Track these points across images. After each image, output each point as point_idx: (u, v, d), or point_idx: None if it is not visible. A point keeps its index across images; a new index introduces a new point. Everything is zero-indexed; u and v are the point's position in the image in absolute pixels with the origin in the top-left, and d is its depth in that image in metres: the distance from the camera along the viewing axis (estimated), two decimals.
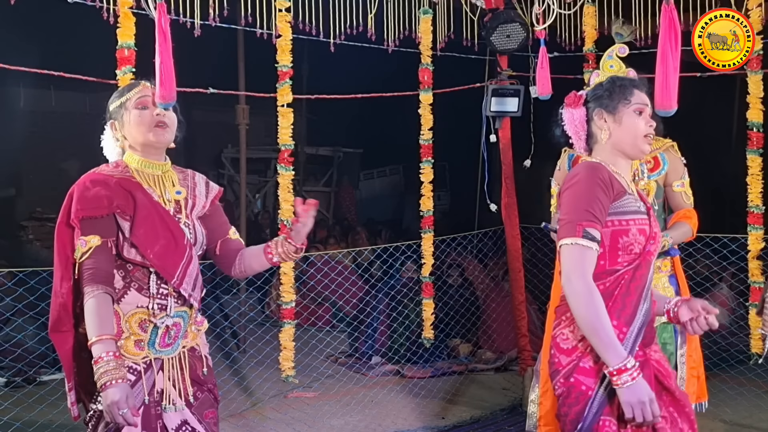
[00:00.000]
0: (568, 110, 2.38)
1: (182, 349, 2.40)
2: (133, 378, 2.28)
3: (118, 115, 2.43)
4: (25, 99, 11.67)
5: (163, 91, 2.45)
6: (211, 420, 2.42)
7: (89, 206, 2.26)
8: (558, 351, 2.22)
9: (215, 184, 2.61)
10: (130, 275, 2.31)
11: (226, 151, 12.71)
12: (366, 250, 7.55)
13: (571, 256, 2.14)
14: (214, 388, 2.48)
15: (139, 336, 2.30)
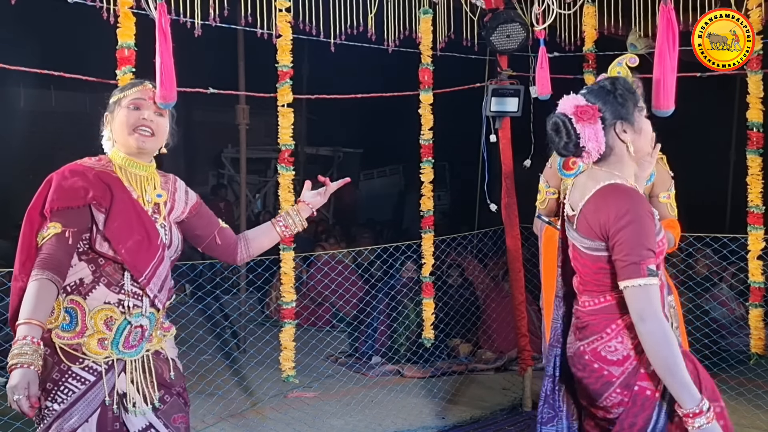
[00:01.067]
0: (587, 125, 2.23)
1: (146, 352, 2.36)
2: (93, 378, 2.25)
3: (111, 109, 2.44)
4: (25, 99, 11.69)
5: (164, 91, 2.45)
6: (181, 425, 2.38)
7: (65, 197, 2.25)
8: (605, 363, 2.19)
9: (194, 193, 2.61)
10: (100, 269, 2.28)
11: (226, 151, 12.72)
12: (366, 250, 7.55)
13: (640, 297, 2.11)
14: (184, 392, 2.45)
15: (103, 334, 2.26)
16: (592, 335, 2.23)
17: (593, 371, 2.22)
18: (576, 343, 2.30)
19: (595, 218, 2.19)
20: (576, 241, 2.27)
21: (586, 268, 2.26)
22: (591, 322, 2.25)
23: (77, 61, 4.44)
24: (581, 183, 2.34)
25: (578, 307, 2.32)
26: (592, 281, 2.25)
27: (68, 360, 2.24)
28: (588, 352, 2.24)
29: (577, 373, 2.28)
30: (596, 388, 2.22)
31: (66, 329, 2.26)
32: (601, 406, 2.22)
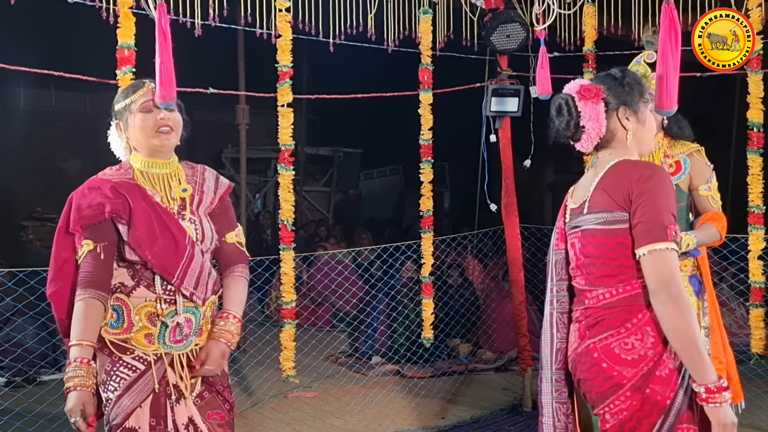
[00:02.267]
0: (590, 104, 2.18)
1: (194, 346, 2.40)
2: (143, 367, 2.32)
3: (122, 117, 2.45)
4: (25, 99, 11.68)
5: (163, 91, 2.45)
6: (214, 421, 2.41)
7: (84, 215, 2.32)
8: (617, 363, 2.04)
9: (225, 180, 2.60)
10: (138, 274, 2.35)
11: (226, 151, 12.72)
12: (366, 250, 7.55)
13: (667, 261, 1.99)
14: (225, 390, 2.47)
15: (148, 329, 2.33)
16: (608, 330, 2.08)
17: (600, 372, 2.07)
18: (583, 342, 2.14)
19: (615, 187, 2.09)
20: (586, 223, 2.16)
21: (601, 248, 2.11)
22: (607, 316, 2.09)
23: (77, 61, 4.44)
24: (586, 178, 2.29)
25: (589, 305, 2.16)
26: (609, 267, 2.10)
27: (119, 351, 2.32)
28: (598, 350, 2.08)
29: (581, 374, 2.14)
30: (602, 390, 2.07)
31: (114, 326, 2.34)
32: (599, 413, 2.09)
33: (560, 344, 2.26)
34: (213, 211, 2.51)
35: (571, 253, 2.27)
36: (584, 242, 2.18)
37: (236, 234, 2.59)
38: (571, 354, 2.21)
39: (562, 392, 2.27)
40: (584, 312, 2.18)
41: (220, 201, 2.53)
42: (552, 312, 2.31)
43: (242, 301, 2.55)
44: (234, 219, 2.62)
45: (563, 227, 2.31)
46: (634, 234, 2.05)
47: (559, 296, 2.30)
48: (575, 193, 2.32)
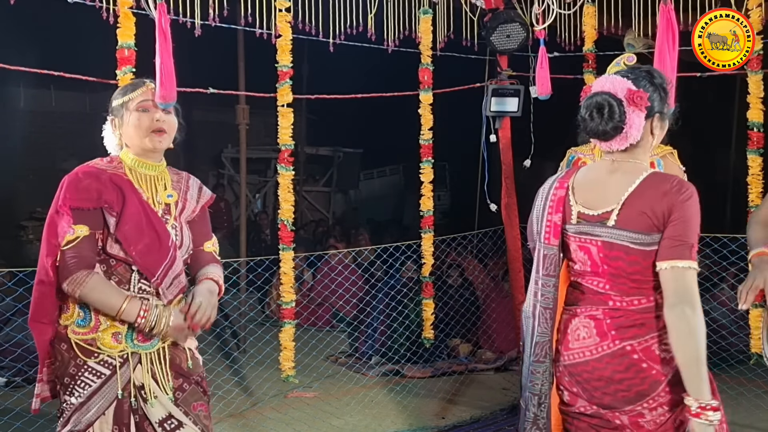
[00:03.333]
0: (636, 111, 2.13)
1: (162, 344, 2.38)
2: (108, 372, 2.30)
3: (118, 113, 2.44)
4: (25, 99, 11.69)
5: (163, 91, 2.46)
6: (200, 412, 2.40)
7: (79, 197, 2.28)
8: (656, 362, 2.09)
9: (208, 191, 2.60)
10: (111, 269, 2.32)
11: (226, 151, 12.72)
12: (366, 250, 7.55)
13: (689, 278, 2.04)
14: (202, 381, 2.47)
15: (116, 328, 2.31)
16: (648, 333, 2.11)
17: (640, 371, 2.10)
18: (615, 342, 2.13)
19: (656, 208, 2.08)
20: (615, 238, 2.13)
21: (635, 266, 2.12)
22: (646, 319, 2.12)
23: (77, 61, 4.44)
24: (598, 179, 2.22)
25: (619, 306, 2.15)
26: (641, 282, 2.12)
27: (84, 355, 2.30)
28: (638, 351, 2.11)
29: (615, 375, 2.13)
30: (642, 389, 2.10)
31: (81, 325, 2.31)
32: (636, 410, 2.12)
33: (539, 338, 2.28)
34: (193, 219, 2.52)
35: (579, 255, 2.23)
36: (610, 255, 2.15)
37: (213, 243, 2.61)
38: (586, 352, 2.18)
39: (535, 384, 2.29)
40: (611, 312, 2.16)
41: (201, 210, 2.54)
42: (536, 304, 2.31)
43: (220, 273, 2.55)
44: (210, 229, 2.63)
45: (560, 224, 2.25)
46: (661, 247, 2.08)
47: (544, 291, 2.30)
48: (587, 195, 2.23)
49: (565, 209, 2.26)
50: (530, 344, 2.30)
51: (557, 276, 2.29)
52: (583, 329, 2.21)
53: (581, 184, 2.27)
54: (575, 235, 2.23)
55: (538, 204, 2.35)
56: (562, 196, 2.27)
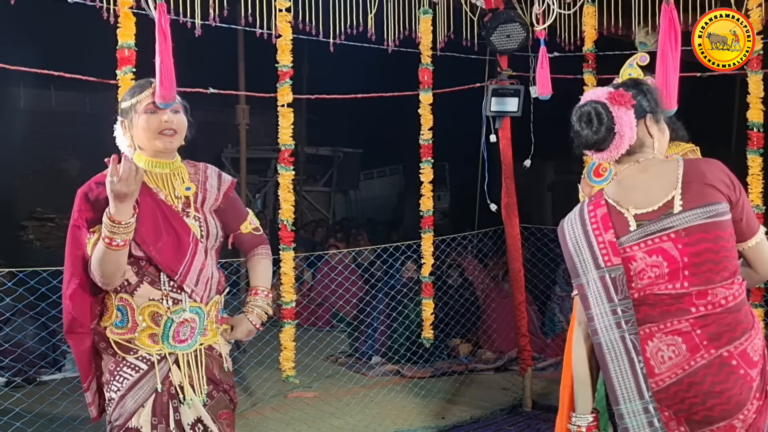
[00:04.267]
0: (623, 109, 2.11)
1: (200, 346, 2.41)
2: (146, 367, 2.33)
3: (128, 116, 2.45)
4: (25, 99, 11.69)
5: (163, 91, 2.46)
6: (224, 421, 2.45)
7: (91, 208, 2.31)
8: (749, 366, 2.00)
9: (228, 176, 2.60)
10: (143, 270, 2.35)
11: (226, 151, 12.72)
12: (366, 250, 7.55)
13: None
14: (230, 389, 2.51)
15: (152, 329, 2.34)
16: (743, 334, 2.01)
17: (738, 379, 1.98)
18: (711, 352, 2.01)
19: (714, 177, 2.07)
20: (693, 220, 2.04)
21: (720, 241, 2.03)
22: (738, 320, 2.02)
23: (77, 61, 4.44)
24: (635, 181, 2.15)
25: (706, 312, 2.03)
26: (725, 256, 2.04)
27: (122, 351, 2.34)
28: (736, 357, 1.99)
29: (715, 387, 1.99)
30: (741, 398, 1.98)
31: (119, 326, 2.35)
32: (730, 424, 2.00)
33: (644, 369, 2.07)
34: (219, 207, 2.52)
35: (651, 260, 2.08)
36: (691, 241, 2.04)
37: (249, 222, 2.63)
38: (677, 370, 2.03)
39: (669, 420, 2.06)
40: (699, 321, 2.03)
41: (224, 197, 2.53)
42: (624, 336, 2.08)
43: (268, 276, 2.69)
44: (243, 209, 2.65)
45: (615, 241, 2.11)
46: (738, 228, 2.09)
47: (626, 316, 2.09)
48: (634, 198, 2.13)
49: (617, 222, 2.13)
50: (635, 383, 2.06)
51: (631, 297, 2.10)
52: (668, 348, 2.05)
53: (618, 192, 2.17)
54: (641, 240, 2.10)
55: (573, 235, 2.20)
56: (605, 213, 2.15)
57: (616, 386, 2.08)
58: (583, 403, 2.22)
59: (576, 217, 2.21)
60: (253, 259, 2.69)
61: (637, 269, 2.10)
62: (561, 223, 2.26)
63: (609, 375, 2.09)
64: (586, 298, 2.14)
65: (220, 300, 2.52)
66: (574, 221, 2.21)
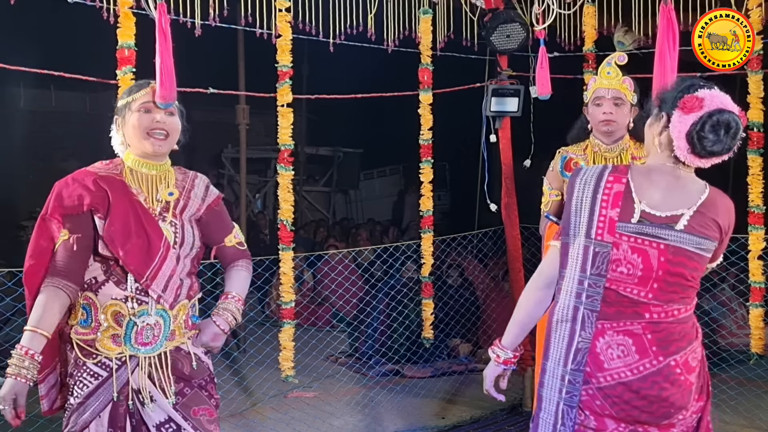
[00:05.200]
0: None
1: (164, 349, 2.38)
2: (105, 374, 2.30)
3: (122, 113, 2.44)
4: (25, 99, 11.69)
5: (163, 91, 2.46)
6: (203, 416, 2.39)
7: (62, 204, 2.31)
8: (689, 372, 2.13)
9: (215, 190, 2.59)
10: (110, 269, 2.33)
11: (226, 151, 12.72)
12: (366, 250, 7.55)
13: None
14: (207, 384, 2.45)
15: (115, 330, 2.31)
16: (689, 345, 2.12)
17: (681, 385, 2.09)
18: (659, 359, 2.08)
19: (723, 221, 2.14)
20: (683, 243, 2.09)
21: (695, 273, 2.13)
22: (685, 330, 2.12)
23: (77, 61, 4.44)
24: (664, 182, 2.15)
25: (658, 320, 2.10)
26: (692, 286, 2.14)
27: (83, 355, 2.32)
28: (680, 365, 2.09)
29: (662, 392, 2.08)
30: (683, 402, 2.10)
31: (83, 325, 2.34)
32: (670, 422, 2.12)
33: (582, 344, 2.12)
34: (202, 219, 2.50)
35: (630, 257, 2.11)
36: (674, 260, 2.09)
37: (234, 236, 2.60)
38: (627, 372, 2.09)
39: (573, 395, 2.13)
40: (651, 327, 2.09)
41: (207, 209, 2.51)
42: (578, 306, 2.13)
43: (243, 287, 2.58)
44: (229, 222, 2.62)
45: (615, 221, 2.12)
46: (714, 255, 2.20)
47: (591, 291, 2.12)
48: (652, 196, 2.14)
49: (625, 206, 2.13)
50: (567, 351, 2.14)
51: (606, 277, 2.12)
52: (618, 347, 2.10)
53: (643, 183, 2.16)
54: (633, 234, 2.11)
55: (581, 195, 2.18)
56: (620, 191, 2.14)
57: (551, 345, 2.19)
58: (512, 340, 2.41)
59: (592, 179, 2.18)
60: (232, 270, 2.61)
61: (614, 257, 2.12)
62: (573, 175, 2.23)
63: (549, 333, 2.20)
64: (566, 256, 2.18)
65: (190, 305, 2.47)
66: (588, 182, 2.19)
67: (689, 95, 2.10)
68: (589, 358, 2.12)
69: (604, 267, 2.11)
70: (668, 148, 2.15)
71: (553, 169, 3.60)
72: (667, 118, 2.14)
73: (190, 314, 2.48)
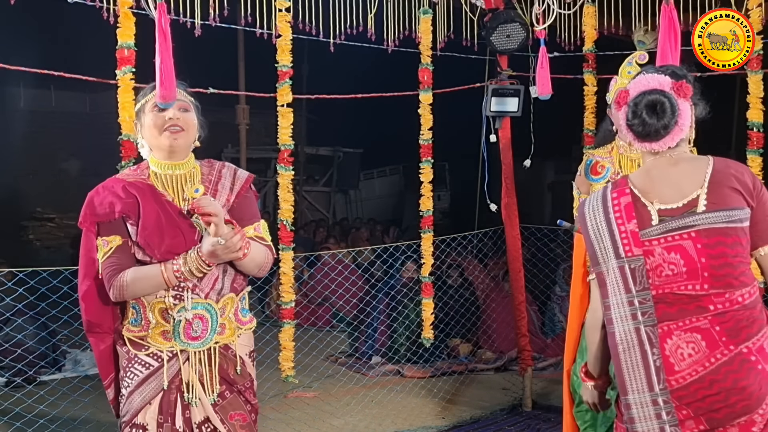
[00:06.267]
0: (686, 102, 2.10)
1: (214, 344, 2.38)
2: (156, 364, 2.34)
3: (139, 117, 2.47)
4: (25, 99, 11.70)
5: (163, 91, 2.46)
6: (237, 422, 2.40)
7: (97, 212, 2.35)
8: (766, 361, 2.03)
9: (244, 173, 2.53)
10: None
11: (226, 151, 12.72)
12: (366, 250, 7.55)
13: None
14: (247, 390, 2.45)
15: (163, 326, 2.35)
16: (759, 331, 2.02)
17: (758, 374, 1.99)
18: (730, 348, 2.01)
19: (741, 184, 2.05)
20: (715, 222, 2.03)
21: (738, 247, 2.03)
22: (754, 316, 2.03)
23: (77, 61, 4.44)
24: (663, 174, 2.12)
25: (724, 309, 2.03)
26: (742, 261, 2.04)
27: (135, 348, 2.36)
28: (755, 352, 2.00)
29: (738, 383, 1.99)
30: (761, 393, 1.98)
31: (134, 324, 2.38)
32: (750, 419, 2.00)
33: (659, 361, 2.04)
34: (231, 207, 2.46)
35: (670, 257, 2.06)
36: (710, 243, 2.03)
37: (254, 228, 2.50)
38: (698, 368, 2.02)
39: (673, 414, 2.03)
40: (718, 319, 2.03)
41: (237, 197, 2.47)
42: (638, 327, 2.06)
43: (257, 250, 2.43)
44: (255, 213, 2.54)
45: (637, 232, 2.09)
46: (759, 231, 2.07)
47: (644, 308, 2.06)
48: (660, 192, 2.11)
49: (639, 214, 2.10)
50: (646, 375, 2.05)
51: (650, 289, 2.07)
52: (687, 346, 2.04)
53: (646, 183, 2.14)
54: (662, 236, 2.07)
55: (594, 222, 2.16)
56: (630, 202, 2.11)
57: (626, 377, 2.07)
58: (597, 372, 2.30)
59: (598, 203, 2.16)
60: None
61: (653, 264, 2.07)
62: (581, 207, 2.22)
63: (620, 365, 2.08)
64: (605, 286, 2.12)
65: (238, 299, 2.46)
66: (596, 207, 2.16)
67: (618, 91, 2.15)
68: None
69: (646, 280, 2.07)
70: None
71: (581, 174, 3.58)
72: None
73: (239, 308, 2.47)
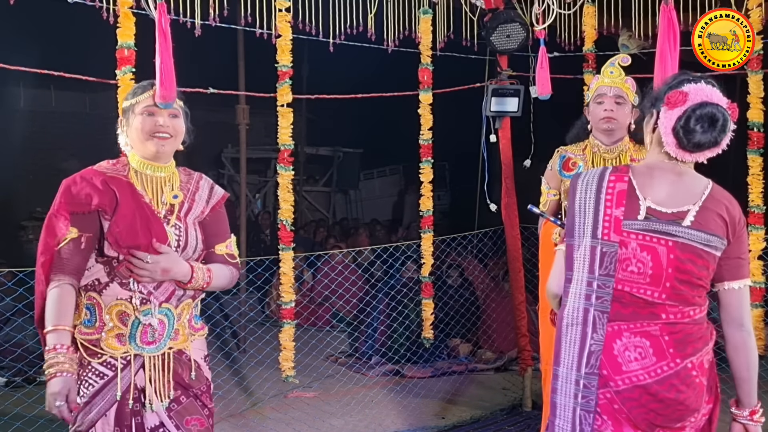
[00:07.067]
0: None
1: (168, 349, 2.38)
2: (110, 373, 2.30)
3: (126, 115, 2.45)
4: (25, 99, 11.69)
5: (163, 91, 2.45)
6: (195, 427, 2.38)
7: (71, 202, 2.31)
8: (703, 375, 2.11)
9: (220, 190, 2.55)
10: (114, 270, 2.32)
11: (226, 151, 12.72)
12: (366, 250, 7.55)
13: (747, 297, 2.19)
14: (203, 394, 2.44)
15: (119, 329, 2.31)
16: (704, 346, 2.10)
17: (696, 387, 2.07)
18: (677, 361, 2.06)
19: (729, 216, 2.10)
20: (691, 239, 2.06)
21: (704, 271, 2.09)
22: (701, 332, 2.11)
23: (77, 61, 4.44)
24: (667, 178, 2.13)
25: (674, 320, 2.08)
26: (702, 285, 2.11)
27: (88, 355, 2.31)
28: (696, 367, 2.07)
29: (680, 395, 2.05)
30: (697, 404, 2.08)
31: (87, 325, 2.33)
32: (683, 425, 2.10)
33: (595, 347, 2.08)
34: (204, 220, 2.48)
35: (640, 255, 2.09)
36: (682, 257, 2.07)
37: (226, 246, 2.52)
38: (644, 375, 2.06)
39: (590, 400, 2.08)
40: (668, 328, 2.07)
41: (212, 211, 2.49)
42: (588, 308, 2.10)
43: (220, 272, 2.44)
44: (226, 231, 2.55)
45: (621, 219, 2.10)
46: (728, 266, 2.13)
47: (600, 293, 2.09)
48: (656, 192, 2.13)
49: (629, 204, 2.12)
50: (579, 355, 2.10)
51: (615, 277, 2.09)
52: (635, 349, 2.07)
53: (646, 179, 2.15)
54: (641, 232, 2.09)
55: (584, 196, 2.17)
56: (624, 189, 2.13)
57: (562, 349, 2.14)
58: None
59: (594, 180, 2.18)
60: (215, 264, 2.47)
61: (623, 256, 2.09)
62: (574, 178, 2.23)
63: (559, 337, 2.15)
64: (572, 259, 2.16)
65: (194, 305, 2.46)
66: (590, 183, 2.18)
67: (674, 90, 2.10)
68: (607, 361, 2.08)
69: (613, 267, 2.09)
70: (660, 145, 2.15)
71: (552, 169, 3.60)
72: (657, 115, 2.15)
73: (193, 314, 2.47)
